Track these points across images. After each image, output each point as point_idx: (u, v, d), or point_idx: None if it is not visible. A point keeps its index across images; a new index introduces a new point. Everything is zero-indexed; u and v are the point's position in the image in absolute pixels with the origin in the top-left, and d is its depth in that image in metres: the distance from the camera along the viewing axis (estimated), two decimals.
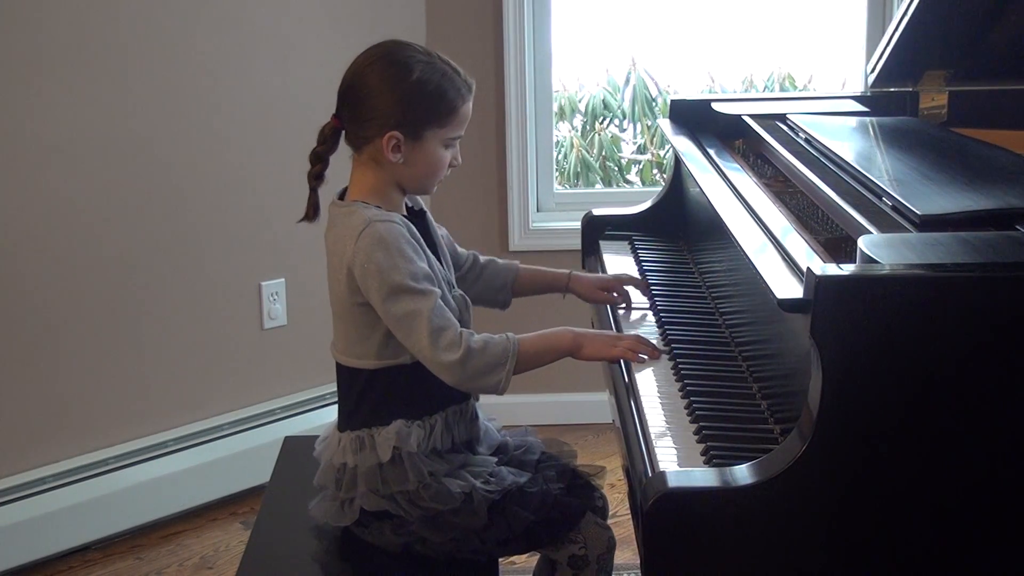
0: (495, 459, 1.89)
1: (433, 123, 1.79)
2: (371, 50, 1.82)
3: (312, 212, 1.87)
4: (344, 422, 1.87)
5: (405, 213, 1.88)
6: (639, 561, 1.42)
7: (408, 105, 1.78)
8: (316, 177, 1.86)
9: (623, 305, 2.13)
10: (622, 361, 1.85)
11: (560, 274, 2.14)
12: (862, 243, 1.42)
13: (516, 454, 1.94)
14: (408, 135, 1.78)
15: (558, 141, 3.91)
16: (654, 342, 1.89)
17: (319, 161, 1.85)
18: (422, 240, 1.81)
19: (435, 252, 1.88)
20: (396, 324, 1.76)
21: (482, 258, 2.10)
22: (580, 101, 4.17)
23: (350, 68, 1.82)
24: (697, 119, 2.48)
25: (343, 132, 1.84)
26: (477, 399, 1.93)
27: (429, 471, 1.79)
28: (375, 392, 1.83)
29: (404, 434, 1.80)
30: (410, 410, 1.82)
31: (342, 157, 1.86)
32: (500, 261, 2.11)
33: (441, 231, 2.00)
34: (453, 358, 1.73)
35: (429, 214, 1.97)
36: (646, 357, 1.84)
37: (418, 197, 1.96)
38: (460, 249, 2.06)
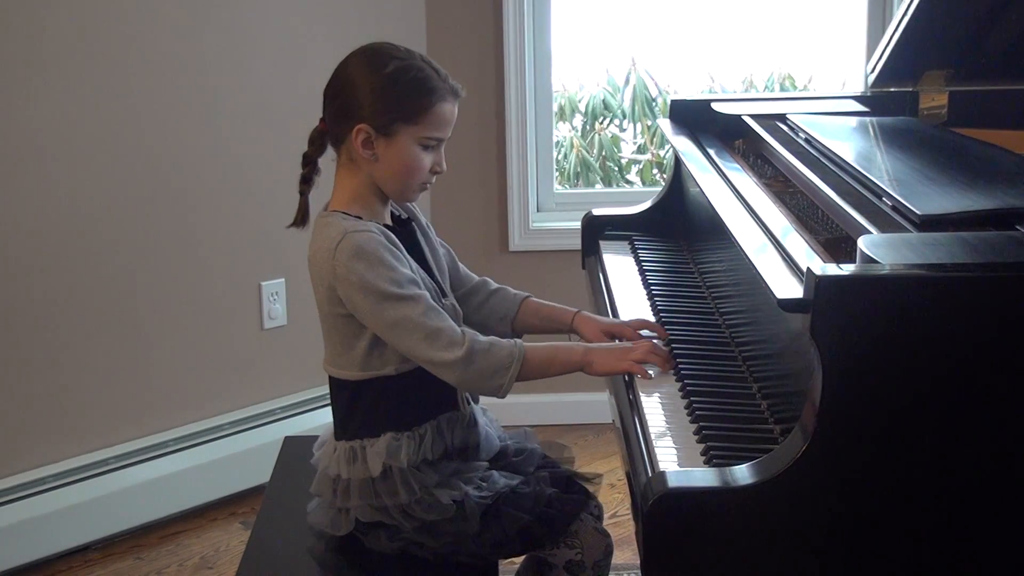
0: (486, 463, 1.88)
1: (403, 118, 1.76)
2: (355, 49, 1.82)
3: (301, 218, 1.87)
4: (339, 431, 1.87)
5: (389, 222, 1.86)
6: (639, 561, 1.42)
7: (378, 97, 1.75)
8: (304, 181, 1.86)
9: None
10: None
11: (565, 312, 1.99)
12: (862, 243, 1.42)
13: (514, 461, 1.93)
14: (378, 129, 1.76)
15: (558, 141, 3.91)
16: (660, 344, 1.87)
17: (307, 163, 1.85)
18: (402, 247, 1.79)
19: (422, 261, 1.86)
20: (388, 332, 1.74)
21: (493, 284, 2.04)
22: (580, 101, 4.17)
23: (336, 67, 1.82)
24: (697, 119, 2.47)
25: (329, 133, 1.83)
26: (476, 401, 1.92)
27: (420, 484, 1.79)
28: (363, 403, 1.83)
29: (394, 449, 1.79)
30: (399, 421, 1.81)
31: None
32: (511, 291, 2.03)
33: (443, 248, 1.98)
34: (454, 356, 1.72)
35: (427, 227, 1.95)
36: (657, 368, 1.78)
37: (412, 207, 1.94)
38: (466, 271, 2.03)
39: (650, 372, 1.78)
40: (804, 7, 3.94)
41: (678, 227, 2.46)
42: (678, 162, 2.46)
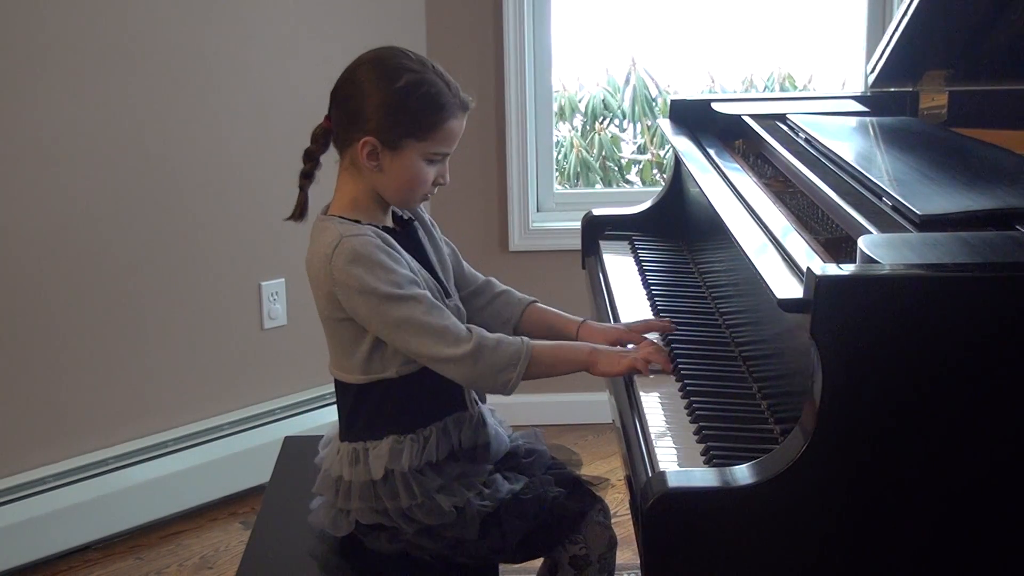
0: (490, 466, 1.87)
1: (411, 134, 1.75)
2: (367, 52, 1.81)
3: (299, 212, 1.86)
4: (343, 433, 1.87)
5: (390, 224, 1.85)
6: (639, 561, 1.42)
7: (387, 112, 1.74)
8: (305, 176, 1.85)
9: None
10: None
11: (571, 322, 1.97)
12: (862, 243, 1.42)
13: (524, 462, 1.91)
14: (385, 143, 1.75)
15: (558, 141, 3.91)
16: (658, 341, 1.88)
17: (309, 160, 1.84)
18: (400, 249, 1.78)
19: (425, 261, 1.86)
20: (392, 333, 1.74)
21: (499, 286, 2.02)
22: (580, 101, 4.17)
23: (345, 68, 1.82)
24: (697, 119, 2.48)
25: (333, 134, 1.83)
26: (484, 401, 1.92)
27: (421, 488, 1.78)
28: (366, 406, 1.82)
29: (396, 452, 1.79)
30: (402, 424, 1.81)
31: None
32: (516, 294, 2.01)
33: (447, 248, 1.98)
34: (462, 352, 1.72)
35: (431, 225, 1.95)
36: (659, 368, 1.79)
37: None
38: (471, 270, 2.02)
39: (649, 375, 1.79)
40: (804, 7, 3.94)
41: (678, 227, 2.46)
42: (678, 162, 2.46)
